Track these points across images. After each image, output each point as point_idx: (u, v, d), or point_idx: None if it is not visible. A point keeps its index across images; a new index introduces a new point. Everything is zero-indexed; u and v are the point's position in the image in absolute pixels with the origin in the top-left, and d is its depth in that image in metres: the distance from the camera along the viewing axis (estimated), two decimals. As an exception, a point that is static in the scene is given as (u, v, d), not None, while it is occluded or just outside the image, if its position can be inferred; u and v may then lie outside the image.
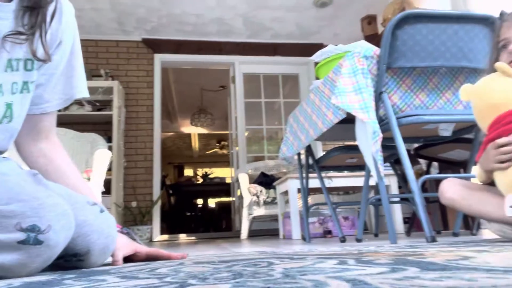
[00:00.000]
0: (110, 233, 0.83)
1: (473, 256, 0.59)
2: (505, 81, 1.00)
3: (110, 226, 0.84)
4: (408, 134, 1.66)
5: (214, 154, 9.16)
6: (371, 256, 0.71)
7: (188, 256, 1.05)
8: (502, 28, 1.10)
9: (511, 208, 0.93)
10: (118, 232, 0.89)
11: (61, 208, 0.70)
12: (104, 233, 0.81)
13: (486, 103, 1.02)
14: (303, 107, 1.93)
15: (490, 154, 0.98)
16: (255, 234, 3.84)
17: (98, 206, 0.84)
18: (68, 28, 0.91)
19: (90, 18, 3.90)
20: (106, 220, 0.83)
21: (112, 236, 0.84)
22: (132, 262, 0.93)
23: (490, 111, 1.01)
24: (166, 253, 0.97)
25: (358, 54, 1.47)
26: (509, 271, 0.41)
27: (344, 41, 2.44)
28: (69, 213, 0.72)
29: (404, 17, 1.39)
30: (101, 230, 0.80)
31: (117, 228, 0.90)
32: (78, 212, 0.76)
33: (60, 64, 0.90)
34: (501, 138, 0.96)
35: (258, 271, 0.55)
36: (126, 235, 0.95)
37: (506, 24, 1.08)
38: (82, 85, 0.96)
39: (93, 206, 0.83)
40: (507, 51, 1.06)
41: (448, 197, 1.14)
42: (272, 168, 4.01)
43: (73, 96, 0.94)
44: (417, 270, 0.45)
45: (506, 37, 1.07)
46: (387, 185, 2.76)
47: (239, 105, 4.48)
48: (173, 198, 7.23)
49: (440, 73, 1.52)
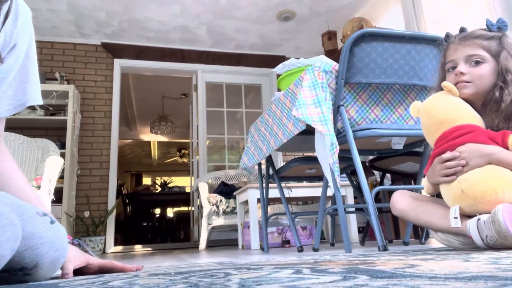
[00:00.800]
0: (61, 245, 0.78)
1: (419, 264, 0.63)
2: (450, 99, 1.08)
3: (60, 237, 0.79)
4: (363, 147, 1.72)
5: (174, 163, 9.00)
6: (325, 265, 0.72)
7: (143, 267, 1.02)
8: (448, 50, 1.18)
9: (455, 219, 0.99)
10: (68, 244, 0.84)
11: (7, 219, 0.65)
12: (55, 245, 0.76)
13: (433, 120, 1.09)
14: (264, 117, 1.95)
15: (436, 168, 1.05)
16: (214, 245, 3.80)
17: (49, 217, 0.79)
18: (24, 31, 0.86)
19: (45, 19, 3.74)
20: (57, 231, 0.79)
21: (63, 248, 0.79)
22: (84, 274, 0.88)
23: (436, 127, 1.08)
24: (120, 265, 0.93)
25: (318, 68, 1.52)
26: (449, 278, 0.44)
27: (306, 55, 2.51)
28: (16, 223, 0.67)
29: (361, 35, 1.46)
30: (51, 243, 0.75)
31: (68, 239, 0.85)
32: (27, 223, 0.71)
33: (13, 68, 0.85)
34: (446, 152, 1.03)
35: (215, 282, 0.55)
36: (77, 246, 0.91)
37: (453, 46, 1.16)
38: (36, 91, 0.91)
39: (43, 217, 0.78)
40: (453, 72, 1.13)
41: (398, 208, 1.19)
42: (232, 178, 4.00)
43: (26, 103, 0.89)
44: (366, 278, 0.47)
45: (453, 59, 1.15)
46: (343, 196, 2.85)
47: (201, 113, 4.45)
48: (129, 207, 7.00)
49: (393, 90, 1.60)
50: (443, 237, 1.12)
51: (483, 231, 0.92)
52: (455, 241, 1.10)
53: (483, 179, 0.96)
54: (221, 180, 3.87)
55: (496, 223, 0.88)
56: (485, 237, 0.92)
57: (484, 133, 1.01)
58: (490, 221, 0.90)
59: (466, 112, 1.06)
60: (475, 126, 1.03)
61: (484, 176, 0.96)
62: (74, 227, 3.57)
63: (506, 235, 0.87)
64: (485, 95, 1.09)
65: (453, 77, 1.12)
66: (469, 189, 0.97)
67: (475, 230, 0.95)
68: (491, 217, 0.90)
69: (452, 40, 1.17)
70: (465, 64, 1.11)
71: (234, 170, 4.12)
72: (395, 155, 1.92)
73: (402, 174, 2.21)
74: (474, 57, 1.10)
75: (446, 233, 1.11)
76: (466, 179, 0.98)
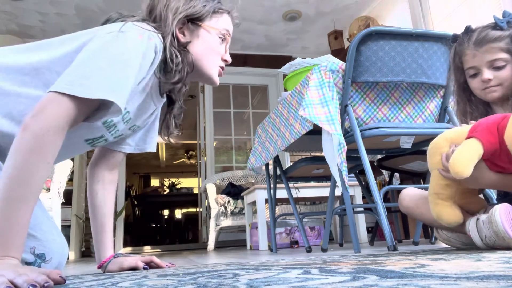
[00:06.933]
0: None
1: (430, 264, 0.62)
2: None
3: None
4: (371, 146, 1.71)
5: (182, 164, 9.03)
6: (334, 265, 0.72)
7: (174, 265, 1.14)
8: (465, 55, 1.16)
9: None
10: (117, 256, 1.09)
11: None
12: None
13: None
14: (271, 118, 1.95)
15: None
16: (222, 245, 3.80)
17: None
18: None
19: (54, 23, 3.78)
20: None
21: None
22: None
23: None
24: (158, 261, 1.11)
25: (324, 67, 1.52)
26: (461, 277, 0.44)
27: (312, 54, 2.50)
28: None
29: (368, 34, 1.45)
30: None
31: (113, 256, 1.11)
32: None
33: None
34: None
35: (223, 282, 0.55)
36: (120, 256, 1.10)
37: (469, 52, 1.14)
38: (153, 142, 1.23)
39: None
40: (478, 79, 1.14)
41: (405, 205, 1.20)
42: (240, 179, 4.00)
43: (144, 150, 1.21)
44: (376, 278, 0.47)
45: (474, 66, 1.14)
46: (351, 195, 2.83)
47: (208, 114, 4.46)
48: (138, 209, 7.04)
49: (401, 88, 1.59)
50: (445, 236, 1.11)
51: (482, 231, 0.91)
52: (456, 241, 1.09)
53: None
54: (229, 181, 3.87)
55: (493, 223, 0.87)
56: (484, 237, 0.91)
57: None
58: (488, 222, 0.89)
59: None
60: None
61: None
62: (83, 229, 3.60)
63: (503, 236, 0.85)
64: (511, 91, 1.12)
65: (479, 84, 1.14)
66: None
67: (475, 230, 0.93)
68: (488, 217, 0.89)
69: (467, 45, 1.15)
70: (489, 69, 1.12)
71: (241, 171, 4.12)
72: (404, 154, 1.90)
73: (411, 173, 2.20)
74: (497, 62, 1.11)
75: (447, 232, 1.10)
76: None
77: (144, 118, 1.09)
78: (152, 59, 0.92)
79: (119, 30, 0.87)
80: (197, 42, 1.04)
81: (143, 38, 0.89)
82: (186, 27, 1.03)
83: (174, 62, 0.97)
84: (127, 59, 0.85)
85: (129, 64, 0.85)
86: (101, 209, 1.14)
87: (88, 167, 1.19)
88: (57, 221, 2.40)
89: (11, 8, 3.50)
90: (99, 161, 1.18)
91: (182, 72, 1.00)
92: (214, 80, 1.12)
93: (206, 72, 1.08)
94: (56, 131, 0.75)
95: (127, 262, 1.06)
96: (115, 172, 1.21)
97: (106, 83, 0.80)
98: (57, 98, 0.76)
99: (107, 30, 0.88)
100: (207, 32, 1.05)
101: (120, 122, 0.99)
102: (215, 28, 1.07)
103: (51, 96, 0.77)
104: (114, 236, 3.75)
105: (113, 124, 0.98)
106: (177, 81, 1.00)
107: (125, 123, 1.02)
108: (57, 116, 0.75)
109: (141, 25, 0.92)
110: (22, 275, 0.61)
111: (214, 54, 1.08)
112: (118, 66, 0.83)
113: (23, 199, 0.70)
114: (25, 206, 0.71)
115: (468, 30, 1.16)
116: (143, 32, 0.90)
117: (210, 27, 1.06)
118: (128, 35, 0.87)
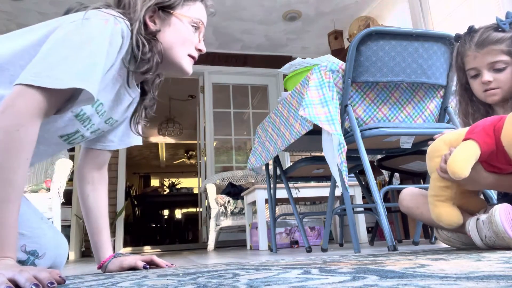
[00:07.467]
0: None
1: (430, 264, 0.62)
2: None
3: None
4: (371, 146, 1.71)
5: (182, 164, 9.03)
6: (334, 265, 0.72)
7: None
8: (466, 56, 1.16)
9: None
10: (117, 256, 1.11)
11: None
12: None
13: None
14: (271, 118, 1.95)
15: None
16: (222, 245, 3.80)
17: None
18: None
19: (54, 23, 3.78)
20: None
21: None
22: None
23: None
24: (158, 260, 1.11)
25: (324, 67, 1.52)
26: (461, 277, 0.44)
27: (312, 54, 2.50)
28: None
29: (368, 34, 1.44)
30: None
31: (113, 256, 1.13)
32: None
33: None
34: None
35: (223, 282, 0.55)
36: (120, 255, 1.11)
37: (471, 53, 1.14)
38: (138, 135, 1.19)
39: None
40: (478, 81, 1.14)
41: (405, 205, 1.20)
42: (240, 179, 4.00)
43: (130, 144, 1.20)
44: (376, 278, 0.47)
45: (475, 67, 1.14)
46: (351, 195, 2.83)
47: (208, 115, 4.46)
48: (138, 209, 7.04)
49: (401, 88, 1.59)
50: (445, 236, 1.11)
51: (482, 231, 0.91)
52: (456, 241, 1.09)
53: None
54: (229, 181, 3.87)
55: (493, 223, 0.87)
56: (484, 237, 0.91)
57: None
58: (488, 222, 0.89)
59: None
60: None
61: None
62: (83, 229, 3.60)
63: (503, 236, 0.85)
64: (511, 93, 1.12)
65: (479, 86, 1.15)
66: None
67: (475, 229, 0.94)
68: (488, 217, 0.89)
69: (468, 47, 1.15)
70: (489, 71, 1.12)
71: (241, 171, 4.12)
72: (404, 154, 1.90)
73: (411, 173, 2.19)
74: (497, 64, 1.11)
75: (447, 232, 1.10)
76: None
77: (120, 110, 1.06)
78: (120, 45, 0.89)
79: (83, 17, 0.84)
80: (168, 30, 1.01)
81: (109, 23, 0.86)
82: (157, 15, 1.00)
83: (140, 50, 0.94)
84: (94, 46, 0.82)
85: (96, 51, 0.82)
86: (94, 210, 1.14)
87: (77, 170, 1.17)
88: (57, 221, 2.40)
89: (11, 8, 3.51)
90: (85, 162, 1.16)
91: (151, 61, 0.97)
92: (186, 70, 1.08)
93: (176, 61, 1.05)
94: (29, 125, 0.72)
95: (127, 261, 1.06)
96: (104, 171, 1.19)
97: (74, 71, 0.78)
98: (25, 91, 0.73)
99: (70, 20, 0.85)
100: (179, 21, 1.02)
101: (94, 115, 0.97)
102: (187, 16, 1.03)
103: (18, 89, 0.73)
104: (114, 236, 3.77)
105: (87, 117, 0.95)
106: (146, 70, 0.97)
107: (100, 116, 0.99)
108: (27, 109, 0.72)
109: (106, 10, 0.89)
110: (23, 271, 0.60)
111: (186, 43, 1.04)
112: (85, 53, 0.81)
113: (7, 199, 0.69)
114: (11, 205, 0.69)
115: (470, 30, 1.16)
116: (108, 17, 0.87)
117: (182, 15, 1.02)
118: (93, 22, 0.85)
